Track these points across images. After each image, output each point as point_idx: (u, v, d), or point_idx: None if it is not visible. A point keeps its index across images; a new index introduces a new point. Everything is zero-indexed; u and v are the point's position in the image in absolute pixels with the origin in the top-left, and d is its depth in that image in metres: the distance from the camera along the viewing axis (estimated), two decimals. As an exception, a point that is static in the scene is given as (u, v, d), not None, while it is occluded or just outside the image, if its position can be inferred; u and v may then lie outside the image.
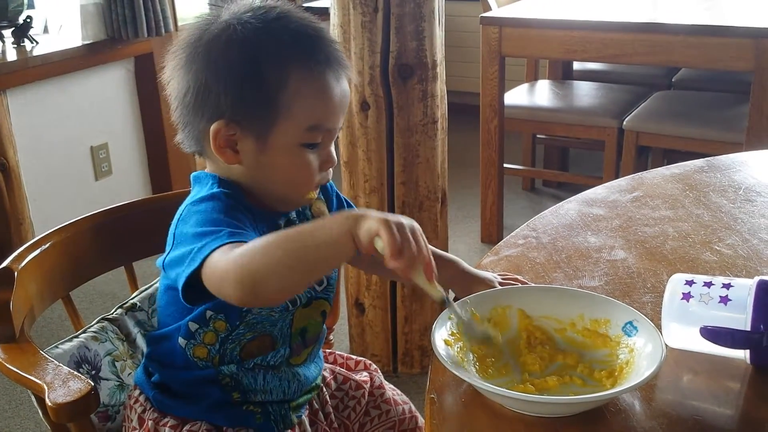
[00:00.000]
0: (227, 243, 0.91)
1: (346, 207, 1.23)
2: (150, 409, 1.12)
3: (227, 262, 0.89)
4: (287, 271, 0.88)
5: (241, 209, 1.01)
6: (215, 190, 1.02)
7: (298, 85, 1.00)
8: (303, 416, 1.17)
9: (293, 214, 1.13)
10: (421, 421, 1.29)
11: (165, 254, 1.01)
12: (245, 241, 0.91)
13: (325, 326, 1.21)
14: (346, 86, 1.06)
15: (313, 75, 1.01)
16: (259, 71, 0.99)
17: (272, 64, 1.00)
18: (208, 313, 1.06)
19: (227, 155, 1.03)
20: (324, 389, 1.23)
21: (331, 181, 1.21)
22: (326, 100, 1.03)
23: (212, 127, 1.01)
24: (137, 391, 1.15)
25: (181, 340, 1.08)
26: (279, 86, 1.00)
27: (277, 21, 1.01)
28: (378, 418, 1.26)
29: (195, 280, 0.93)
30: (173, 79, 1.05)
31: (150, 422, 1.10)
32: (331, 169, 1.09)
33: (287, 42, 1.01)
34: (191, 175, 1.10)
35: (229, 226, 0.95)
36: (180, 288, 0.95)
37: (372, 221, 0.85)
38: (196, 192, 1.06)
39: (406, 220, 0.87)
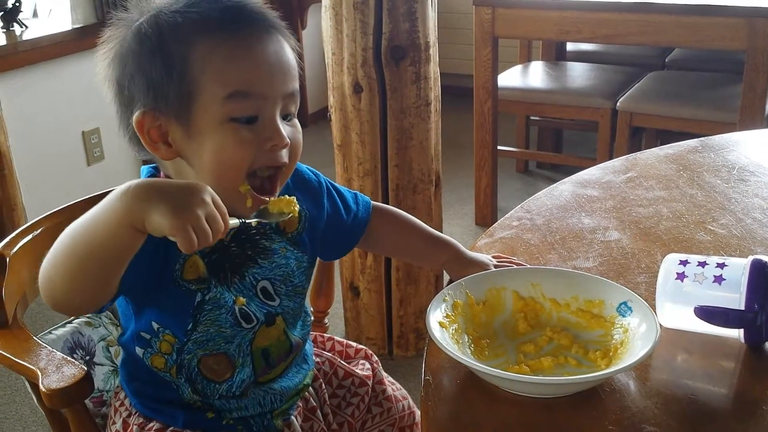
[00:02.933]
0: None
1: (340, 206, 1.15)
2: (135, 413, 1.09)
3: None
4: (75, 272, 0.84)
5: None
6: None
7: (204, 53, 0.92)
8: (291, 417, 1.12)
9: (250, 220, 0.98)
10: (418, 416, 1.26)
11: None
12: None
13: (300, 337, 1.13)
14: (278, 47, 0.96)
15: (221, 39, 0.93)
16: (161, 49, 0.93)
17: (173, 38, 0.93)
18: (155, 325, 1.02)
19: (161, 150, 0.96)
20: (323, 386, 1.19)
21: (320, 173, 1.17)
22: (244, 61, 0.93)
23: (134, 119, 0.94)
24: (123, 394, 1.12)
25: (138, 350, 1.04)
26: (184, 60, 0.92)
27: None
28: (380, 416, 1.23)
29: None
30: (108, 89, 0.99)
31: (135, 427, 1.08)
32: (284, 151, 0.96)
33: (185, 12, 0.94)
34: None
35: None
36: None
37: (163, 220, 0.78)
38: None
39: (200, 209, 0.79)
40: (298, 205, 0.98)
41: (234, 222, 0.88)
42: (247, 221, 0.93)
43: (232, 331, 1.03)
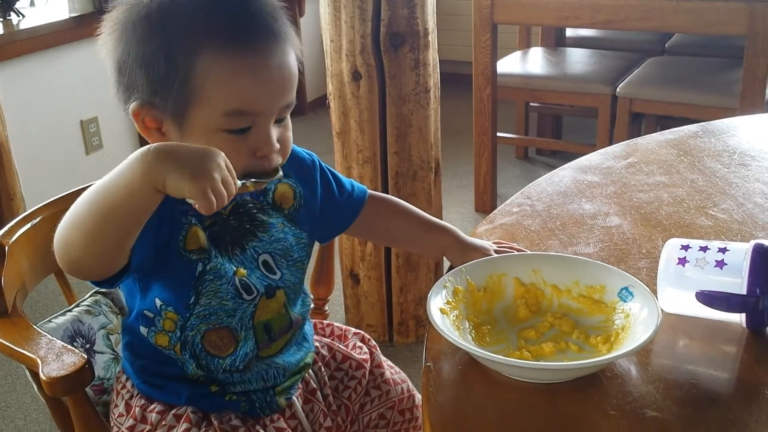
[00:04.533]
0: None
1: (333, 183, 1.17)
2: (137, 395, 1.10)
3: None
4: (93, 233, 0.86)
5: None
6: None
7: (209, 65, 0.92)
8: (293, 398, 1.13)
9: (246, 196, 1.05)
10: (418, 398, 1.27)
11: None
12: None
13: (300, 314, 1.14)
14: (283, 60, 0.96)
15: (227, 51, 0.92)
16: (168, 48, 0.92)
17: (182, 40, 0.92)
18: (158, 302, 1.03)
19: (154, 137, 0.97)
20: (322, 368, 1.20)
21: (314, 153, 1.17)
22: (247, 81, 0.93)
23: (130, 108, 0.96)
24: (125, 377, 1.13)
25: (142, 329, 1.06)
26: (188, 67, 0.92)
27: None
28: (378, 399, 1.24)
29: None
30: (107, 62, 0.99)
31: (137, 409, 1.09)
32: (274, 155, 0.98)
33: (200, 13, 0.92)
34: None
35: None
36: None
37: (183, 183, 0.81)
38: None
39: (217, 173, 0.82)
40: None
41: (238, 183, 0.90)
42: (243, 181, 0.94)
43: (233, 303, 1.04)
